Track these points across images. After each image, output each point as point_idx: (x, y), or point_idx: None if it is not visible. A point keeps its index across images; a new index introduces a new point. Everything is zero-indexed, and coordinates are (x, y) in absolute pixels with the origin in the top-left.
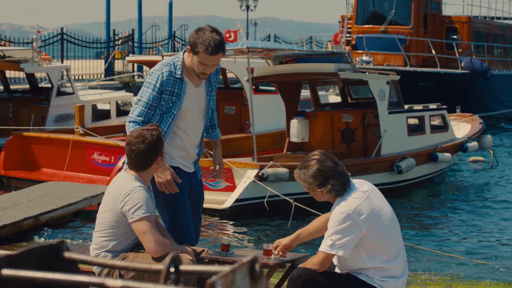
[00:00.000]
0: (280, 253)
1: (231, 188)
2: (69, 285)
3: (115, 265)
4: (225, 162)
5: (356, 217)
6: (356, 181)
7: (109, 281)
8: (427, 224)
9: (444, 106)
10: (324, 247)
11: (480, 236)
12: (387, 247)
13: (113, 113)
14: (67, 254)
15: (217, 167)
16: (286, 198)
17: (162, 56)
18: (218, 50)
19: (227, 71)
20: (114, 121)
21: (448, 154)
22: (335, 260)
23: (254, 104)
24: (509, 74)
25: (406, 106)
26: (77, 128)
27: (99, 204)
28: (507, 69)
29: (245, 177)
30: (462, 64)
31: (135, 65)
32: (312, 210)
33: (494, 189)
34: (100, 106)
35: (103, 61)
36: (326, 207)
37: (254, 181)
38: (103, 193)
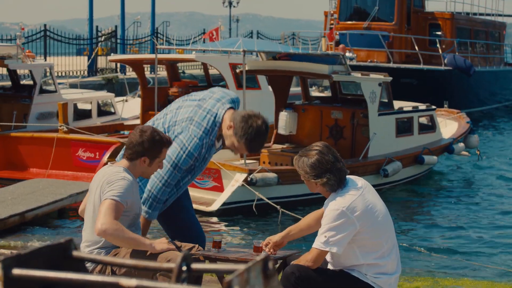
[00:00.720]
0: (271, 250)
1: (218, 188)
2: (81, 284)
3: (125, 264)
4: (214, 162)
5: (350, 214)
6: (350, 177)
7: (123, 281)
8: (413, 220)
9: (433, 107)
10: (317, 243)
11: (465, 233)
12: (380, 243)
13: (94, 113)
14: (75, 253)
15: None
16: (274, 204)
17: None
18: (257, 151)
19: (208, 66)
20: (95, 120)
21: (434, 157)
22: (328, 257)
23: None
24: (491, 70)
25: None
26: (61, 126)
27: None
28: (489, 65)
29: (234, 181)
30: (445, 61)
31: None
32: (299, 217)
33: (479, 187)
34: (81, 106)
35: (85, 57)
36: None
37: (242, 185)
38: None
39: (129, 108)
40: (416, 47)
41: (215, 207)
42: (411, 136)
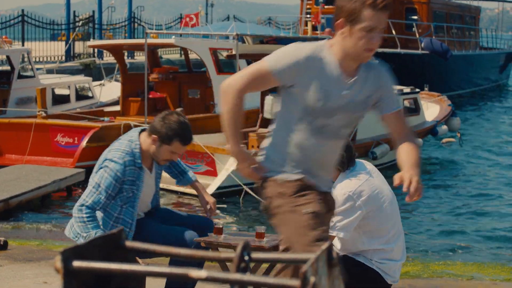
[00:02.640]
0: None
1: (211, 173)
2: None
3: (180, 254)
4: (207, 146)
5: (356, 199)
6: (359, 161)
7: (193, 272)
8: (401, 205)
9: (417, 90)
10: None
11: (453, 217)
12: (386, 229)
13: (73, 97)
14: (128, 243)
15: (209, 206)
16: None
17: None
18: (190, 140)
19: (189, 52)
20: (74, 105)
21: (419, 139)
22: (332, 242)
23: (218, 84)
24: (468, 54)
25: None
26: (39, 112)
27: (67, 187)
28: (465, 49)
29: (228, 165)
30: (422, 45)
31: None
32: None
33: (463, 171)
34: (59, 91)
35: (60, 43)
36: None
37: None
38: (72, 176)
39: (106, 92)
40: (393, 31)
41: (209, 191)
42: None
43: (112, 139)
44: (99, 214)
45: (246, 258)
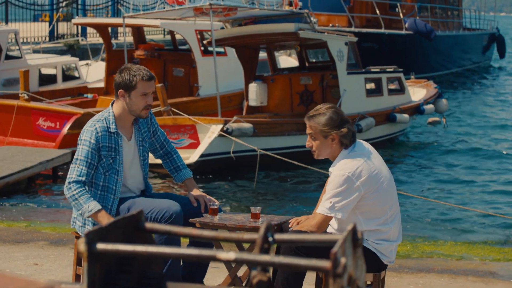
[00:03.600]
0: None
1: (195, 145)
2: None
3: (203, 236)
4: (189, 118)
5: (355, 180)
6: (358, 141)
7: (221, 254)
8: None
9: (401, 69)
10: (322, 209)
11: (442, 197)
12: (384, 210)
13: (59, 77)
14: (148, 225)
15: (200, 199)
16: (252, 146)
17: (123, 17)
18: (152, 76)
19: (175, 33)
20: (60, 85)
21: (406, 115)
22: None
23: (202, 66)
24: (451, 35)
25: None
26: (21, 94)
27: (53, 168)
28: (449, 30)
29: (210, 132)
30: (406, 25)
31: (79, 27)
32: (278, 157)
33: (449, 150)
34: (46, 71)
35: (42, 23)
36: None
37: (219, 135)
38: (58, 157)
39: (93, 72)
40: (377, 11)
41: (193, 159)
42: (381, 97)
43: None
44: (87, 188)
45: (270, 239)
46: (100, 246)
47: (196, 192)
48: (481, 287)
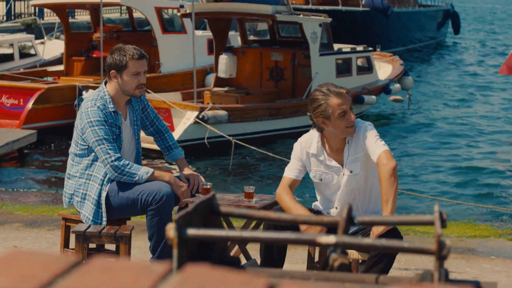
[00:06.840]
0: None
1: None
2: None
3: (281, 219)
4: (164, 101)
5: None
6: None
7: (321, 238)
8: None
9: (370, 48)
10: (384, 147)
11: (416, 174)
12: None
13: (16, 55)
14: (223, 209)
15: (191, 179)
16: (227, 136)
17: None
18: (142, 54)
19: (134, 10)
20: (17, 63)
21: (373, 97)
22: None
23: (163, 44)
24: (407, 11)
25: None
26: None
27: (19, 149)
28: (405, 6)
29: (185, 118)
30: (363, 2)
31: (37, 8)
32: (251, 147)
33: (414, 128)
34: (2, 50)
35: (0, 3)
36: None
37: (194, 122)
38: (25, 137)
39: (48, 49)
40: None
41: None
42: (350, 77)
43: (58, 100)
44: (97, 165)
45: (356, 221)
46: (191, 232)
47: (188, 171)
48: (463, 263)
